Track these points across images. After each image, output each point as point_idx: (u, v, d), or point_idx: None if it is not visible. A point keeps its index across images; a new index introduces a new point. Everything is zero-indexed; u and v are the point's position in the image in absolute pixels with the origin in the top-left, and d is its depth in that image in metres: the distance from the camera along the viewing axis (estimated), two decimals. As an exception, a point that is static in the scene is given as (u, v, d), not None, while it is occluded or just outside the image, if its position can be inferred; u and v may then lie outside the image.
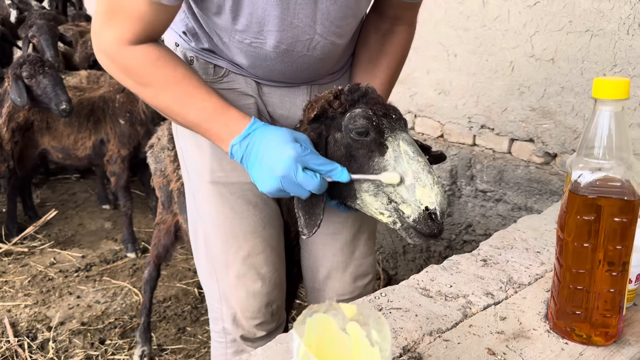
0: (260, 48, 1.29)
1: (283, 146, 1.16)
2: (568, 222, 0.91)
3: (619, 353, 0.93)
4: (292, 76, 1.40)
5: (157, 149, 2.58)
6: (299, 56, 1.32)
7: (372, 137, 1.20)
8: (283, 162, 1.15)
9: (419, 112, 3.09)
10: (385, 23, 1.48)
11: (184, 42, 1.43)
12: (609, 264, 0.90)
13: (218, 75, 1.42)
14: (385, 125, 1.21)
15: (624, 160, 0.87)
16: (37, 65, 3.43)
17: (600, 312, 0.92)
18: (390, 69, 1.48)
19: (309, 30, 1.26)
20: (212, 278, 1.55)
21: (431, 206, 1.13)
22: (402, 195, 1.15)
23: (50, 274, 3.47)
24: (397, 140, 1.19)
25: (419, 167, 1.14)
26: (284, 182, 1.17)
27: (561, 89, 2.48)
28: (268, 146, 1.18)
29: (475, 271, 1.18)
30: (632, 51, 2.24)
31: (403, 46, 1.51)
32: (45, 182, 4.94)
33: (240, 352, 1.58)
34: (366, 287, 1.65)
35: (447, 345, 0.95)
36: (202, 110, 1.24)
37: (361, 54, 1.51)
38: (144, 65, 1.22)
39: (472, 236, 2.97)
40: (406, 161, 1.16)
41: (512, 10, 2.57)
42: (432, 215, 1.14)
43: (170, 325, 3.00)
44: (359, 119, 1.21)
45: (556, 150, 2.56)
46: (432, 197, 1.12)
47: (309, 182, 1.16)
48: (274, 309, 1.56)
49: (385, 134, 1.21)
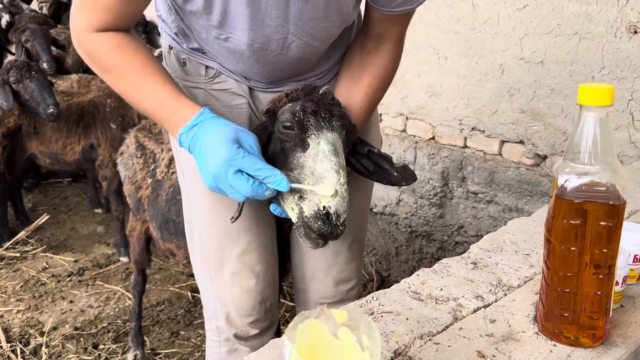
0: (236, 46, 1.30)
1: (220, 146, 1.15)
2: (555, 226, 0.92)
3: (606, 354, 0.94)
4: (269, 75, 1.40)
5: (126, 156, 2.60)
6: (273, 55, 1.33)
7: (296, 132, 1.22)
8: (216, 163, 1.15)
9: (411, 114, 3.11)
10: (370, 42, 1.45)
11: (176, 44, 1.44)
12: (596, 266, 0.91)
13: (210, 76, 1.43)
14: (310, 123, 1.22)
15: (609, 165, 0.89)
16: (24, 70, 3.43)
17: (588, 314, 0.94)
18: (371, 87, 1.45)
19: (281, 29, 1.27)
20: (206, 277, 1.56)
21: (326, 204, 1.12)
22: (308, 193, 1.15)
23: (43, 278, 3.45)
24: (319, 139, 1.20)
25: (328, 166, 1.14)
26: (217, 181, 1.17)
27: (550, 91, 2.50)
28: (208, 142, 1.18)
29: (466, 274, 1.19)
30: (619, 54, 2.27)
31: (387, 65, 1.47)
32: (36, 186, 4.92)
33: (233, 350, 1.59)
34: (349, 293, 1.66)
35: (437, 348, 0.96)
36: (155, 97, 1.25)
37: (344, 69, 1.49)
38: (106, 51, 1.26)
39: (464, 237, 2.99)
40: (320, 159, 1.16)
41: (502, 13, 2.59)
42: (327, 216, 1.13)
43: (164, 329, 3.00)
44: (285, 113, 1.23)
45: (546, 151, 2.59)
46: (332, 198, 1.12)
47: (240, 185, 1.14)
48: (267, 307, 1.57)
49: (309, 131, 1.21)
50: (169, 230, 2.33)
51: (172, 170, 2.33)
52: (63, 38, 4.97)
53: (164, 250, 2.50)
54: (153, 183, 2.40)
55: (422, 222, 3.14)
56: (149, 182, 2.42)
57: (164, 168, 2.36)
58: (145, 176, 2.44)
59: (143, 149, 2.50)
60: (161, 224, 2.35)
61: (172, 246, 2.37)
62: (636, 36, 2.21)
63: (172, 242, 2.35)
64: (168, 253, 2.48)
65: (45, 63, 4.19)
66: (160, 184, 2.37)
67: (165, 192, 2.33)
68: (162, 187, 2.35)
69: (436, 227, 3.10)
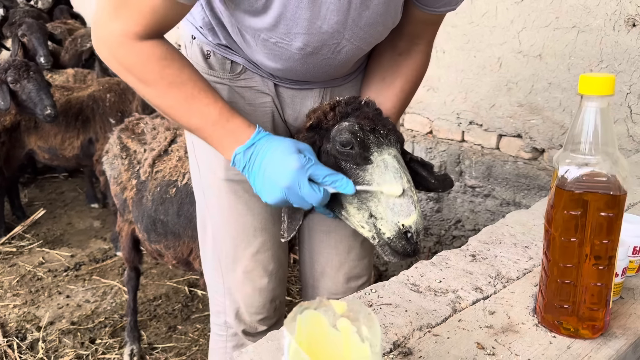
0: (286, 49, 1.25)
1: (287, 157, 1.15)
2: (555, 217, 0.92)
3: (605, 346, 0.94)
4: (310, 77, 1.38)
5: (111, 155, 2.56)
6: (322, 58, 1.29)
7: (357, 150, 1.22)
8: (287, 174, 1.14)
9: (408, 108, 3.10)
10: (402, 41, 1.41)
11: (200, 35, 1.39)
12: (596, 258, 0.91)
13: (235, 72, 1.39)
14: (371, 140, 1.23)
15: (610, 156, 0.88)
16: (22, 70, 3.41)
17: (588, 305, 0.93)
18: (403, 92, 1.43)
19: (337, 35, 1.23)
20: (217, 272, 1.55)
21: (407, 224, 1.15)
22: (381, 212, 1.18)
23: (39, 273, 3.44)
24: (382, 155, 1.21)
25: (393, 175, 1.17)
26: (288, 193, 1.16)
27: (548, 85, 2.50)
28: (272, 157, 1.17)
29: (464, 266, 1.19)
30: (617, 47, 2.26)
31: (419, 68, 1.45)
32: (33, 181, 4.90)
33: (240, 345, 1.59)
34: (359, 289, 1.65)
35: (436, 340, 0.95)
36: (207, 115, 1.20)
37: (374, 71, 1.45)
38: (149, 62, 1.16)
39: (462, 231, 2.99)
40: (385, 171, 1.18)
41: (500, 6, 2.58)
42: (408, 235, 1.16)
43: (161, 323, 2.99)
44: (344, 133, 1.23)
45: (544, 145, 2.58)
46: (410, 216, 1.14)
47: (312, 195, 1.16)
48: (277, 305, 1.57)
49: (371, 148, 1.22)
50: (157, 231, 2.29)
51: (157, 170, 2.30)
52: (59, 32, 4.95)
53: (150, 251, 2.47)
54: (138, 184, 2.37)
55: (420, 216, 3.14)
56: (133, 184, 2.39)
57: (147, 168, 2.33)
58: (130, 177, 2.41)
59: (127, 150, 2.47)
60: (147, 225, 2.32)
61: (159, 247, 2.34)
62: (634, 29, 2.21)
63: (159, 243, 2.32)
64: (155, 254, 2.45)
65: (42, 57, 4.17)
66: (144, 185, 2.33)
67: (150, 193, 2.29)
68: (146, 188, 2.31)
69: (434, 221, 3.10)
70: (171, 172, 2.26)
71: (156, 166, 2.31)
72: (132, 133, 2.54)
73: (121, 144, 2.51)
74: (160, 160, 2.33)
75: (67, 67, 4.63)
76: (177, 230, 2.23)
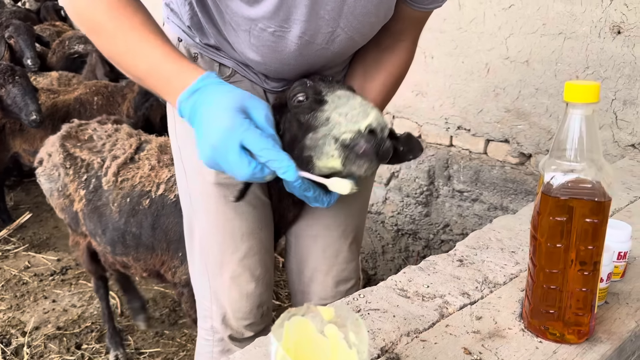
0: (283, 38, 1.23)
1: (222, 112, 1.02)
2: (541, 223, 0.92)
3: (591, 350, 0.95)
4: (303, 71, 1.35)
5: (49, 166, 2.42)
6: (316, 49, 1.27)
7: (311, 97, 1.18)
8: (215, 132, 1.01)
9: (397, 113, 3.12)
10: (387, 37, 1.40)
11: (188, 37, 1.37)
12: (581, 263, 0.92)
13: (224, 75, 1.37)
14: (322, 86, 1.21)
15: (595, 162, 0.89)
16: (7, 74, 3.37)
17: (573, 310, 0.94)
18: (385, 87, 1.42)
19: (332, 23, 1.22)
20: (203, 277, 1.54)
21: (367, 123, 1.08)
22: (341, 126, 1.11)
23: (25, 277, 3.40)
24: (335, 92, 1.18)
25: (355, 102, 1.14)
26: (215, 155, 1.03)
27: (535, 91, 2.52)
28: (210, 108, 1.04)
29: (452, 271, 1.20)
30: (603, 54, 2.29)
31: (402, 64, 1.44)
32: (19, 184, 4.84)
33: (226, 351, 1.58)
34: (348, 292, 1.65)
35: (424, 345, 0.96)
36: (153, 58, 1.10)
37: (357, 66, 1.45)
38: (102, 8, 1.11)
39: (450, 236, 3.00)
40: (344, 101, 1.15)
41: (488, 13, 2.60)
42: (374, 132, 1.09)
43: (148, 328, 2.97)
44: (295, 88, 1.21)
45: (531, 150, 2.60)
46: (368, 117, 1.09)
47: (239, 166, 1.01)
48: (264, 310, 1.56)
49: (323, 91, 1.19)
50: (125, 243, 2.22)
51: (123, 178, 2.22)
52: (47, 34, 4.91)
53: (111, 263, 2.39)
54: (88, 195, 2.27)
55: (408, 220, 3.15)
56: (82, 194, 2.29)
57: (111, 177, 2.23)
58: (77, 188, 2.29)
59: (73, 159, 2.34)
60: (113, 238, 2.24)
61: (127, 259, 2.27)
62: (619, 36, 2.23)
63: (127, 255, 2.25)
64: (118, 266, 2.38)
65: (29, 60, 4.14)
66: (102, 195, 2.25)
67: (115, 203, 2.20)
68: (109, 198, 2.23)
69: (422, 225, 3.11)
70: (143, 182, 2.18)
71: (121, 175, 2.22)
72: (77, 140, 2.41)
73: (65, 153, 2.36)
74: (126, 168, 2.24)
75: (55, 69, 4.59)
76: (150, 243, 2.17)
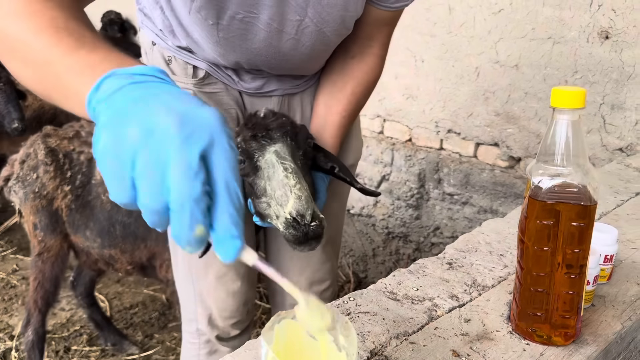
0: (251, 24, 1.22)
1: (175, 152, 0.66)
2: (528, 226, 0.94)
3: (577, 352, 0.96)
4: (275, 65, 1.34)
5: (25, 172, 2.33)
6: (287, 39, 1.27)
7: (247, 163, 1.21)
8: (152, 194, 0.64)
9: (388, 116, 3.13)
10: (355, 45, 1.40)
11: (161, 40, 1.38)
12: (568, 266, 0.93)
13: (198, 77, 1.37)
14: (254, 148, 1.21)
15: (581, 167, 0.90)
16: None
17: (560, 313, 0.95)
18: (354, 95, 1.41)
19: (300, 11, 1.21)
20: (188, 279, 1.54)
21: (288, 212, 1.11)
22: (272, 207, 1.17)
23: (13, 281, 3.38)
24: (264, 157, 1.19)
25: (278, 176, 1.14)
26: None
27: (525, 95, 2.54)
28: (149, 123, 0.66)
29: (441, 274, 1.20)
30: (591, 58, 2.31)
31: (371, 71, 1.43)
32: (7, 186, 4.81)
33: (213, 352, 1.59)
34: (323, 293, 1.66)
35: (413, 348, 0.96)
36: (62, 55, 0.80)
37: (326, 75, 1.44)
38: (11, 16, 0.84)
39: (440, 238, 3.02)
40: (271, 172, 1.16)
41: (478, 17, 2.62)
42: (296, 220, 1.11)
43: (138, 331, 2.95)
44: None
45: (520, 154, 2.63)
46: (288, 203, 1.11)
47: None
48: (249, 307, 1.57)
49: (256, 155, 1.21)
50: (114, 234, 2.22)
51: None
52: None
53: (94, 261, 2.35)
54: (75, 190, 2.25)
55: (399, 223, 3.16)
56: (66, 190, 2.25)
57: None
58: (59, 185, 2.25)
59: (54, 155, 2.28)
60: (101, 230, 2.23)
61: (114, 252, 2.26)
62: (607, 41, 2.26)
63: (115, 248, 2.25)
64: (101, 263, 2.35)
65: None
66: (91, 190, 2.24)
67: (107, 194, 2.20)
68: (99, 191, 2.22)
69: (412, 228, 3.12)
70: None
71: None
72: (60, 138, 2.35)
73: (47, 150, 2.28)
74: None
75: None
76: (139, 232, 2.18)
